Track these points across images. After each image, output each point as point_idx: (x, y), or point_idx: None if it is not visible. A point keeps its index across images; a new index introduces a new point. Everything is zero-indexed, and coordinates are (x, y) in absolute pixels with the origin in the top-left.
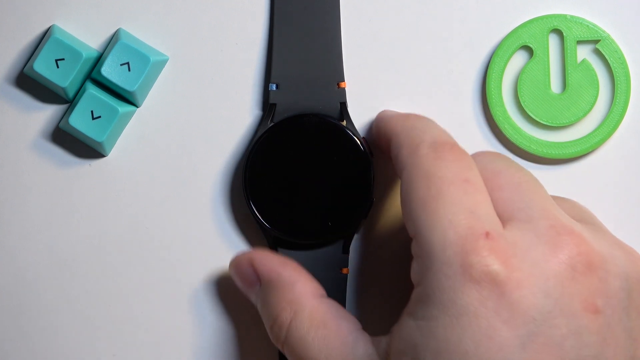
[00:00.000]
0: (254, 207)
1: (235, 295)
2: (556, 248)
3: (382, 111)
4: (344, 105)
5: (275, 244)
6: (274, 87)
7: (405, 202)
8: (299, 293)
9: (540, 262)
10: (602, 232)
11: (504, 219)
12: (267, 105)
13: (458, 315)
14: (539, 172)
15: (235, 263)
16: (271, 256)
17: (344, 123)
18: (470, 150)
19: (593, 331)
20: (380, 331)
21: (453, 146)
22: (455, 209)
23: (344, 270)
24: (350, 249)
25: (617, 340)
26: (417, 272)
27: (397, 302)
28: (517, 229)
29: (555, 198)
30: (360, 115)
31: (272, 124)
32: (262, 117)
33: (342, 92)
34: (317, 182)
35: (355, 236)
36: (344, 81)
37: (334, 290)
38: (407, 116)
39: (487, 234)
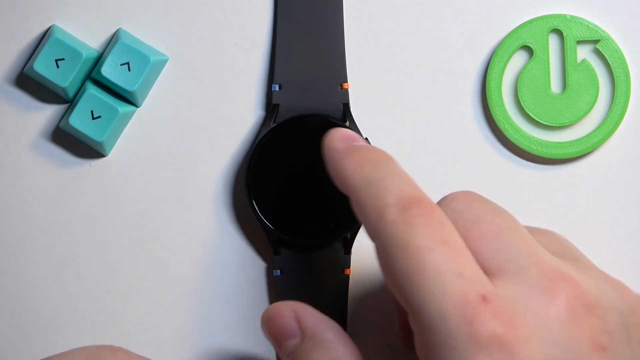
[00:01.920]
0: (257, 208)
1: (235, 296)
2: (552, 296)
3: (328, 140)
4: (346, 106)
5: (278, 245)
6: (276, 87)
7: (388, 276)
8: (342, 354)
9: (541, 313)
10: (587, 268)
11: (492, 273)
12: (270, 105)
13: None
14: (539, 172)
15: (274, 311)
16: (316, 312)
17: (347, 124)
18: (471, 151)
19: None
20: (382, 332)
21: (420, 202)
22: (442, 277)
23: (347, 271)
24: (353, 249)
25: None
26: (422, 348)
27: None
28: (509, 283)
29: (533, 231)
30: (363, 116)
31: (275, 124)
32: (264, 118)
33: (345, 92)
34: (320, 183)
35: (358, 237)
36: (346, 82)
37: (337, 291)
38: (362, 161)
39: (484, 297)
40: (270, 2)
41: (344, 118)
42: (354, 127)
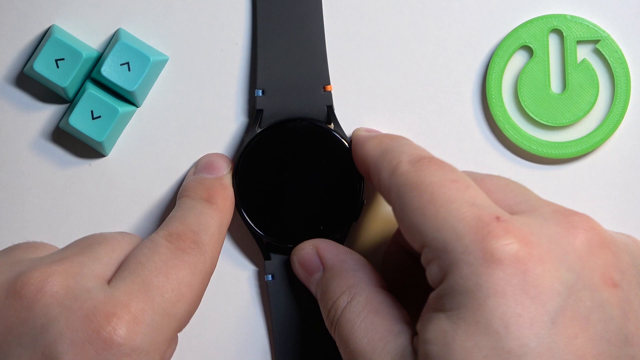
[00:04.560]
0: (246, 215)
1: (234, 295)
2: (569, 227)
3: (356, 131)
4: (330, 108)
5: (268, 250)
6: (260, 93)
7: (402, 220)
8: (360, 279)
9: (557, 239)
10: None
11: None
12: (254, 111)
13: (485, 298)
14: (539, 172)
15: (300, 250)
16: (336, 244)
17: (332, 126)
18: (471, 151)
19: (614, 305)
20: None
21: (431, 158)
22: (455, 205)
23: None
24: None
25: (636, 315)
26: (436, 273)
27: None
28: (524, 217)
29: None
30: (348, 118)
31: (260, 129)
32: (249, 124)
33: (329, 95)
34: (307, 186)
35: (347, 239)
36: (329, 84)
37: None
38: (380, 139)
39: (498, 218)
40: (252, 8)
41: (329, 120)
42: (338, 129)
